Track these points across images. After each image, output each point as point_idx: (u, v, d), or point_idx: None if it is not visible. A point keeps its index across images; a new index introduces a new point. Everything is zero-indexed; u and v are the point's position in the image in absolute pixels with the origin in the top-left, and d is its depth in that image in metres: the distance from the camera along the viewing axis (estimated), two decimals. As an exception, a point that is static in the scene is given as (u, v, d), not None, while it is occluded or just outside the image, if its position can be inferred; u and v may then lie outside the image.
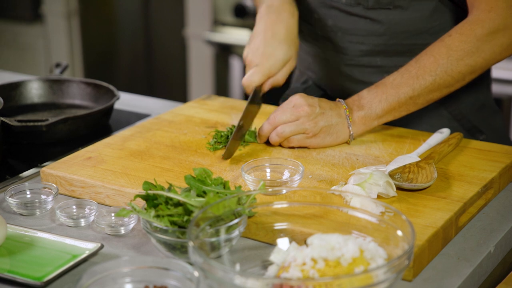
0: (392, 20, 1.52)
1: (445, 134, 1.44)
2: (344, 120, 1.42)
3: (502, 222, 1.24)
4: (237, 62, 3.43)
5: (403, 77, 1.43)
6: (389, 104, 1.43)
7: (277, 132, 1.40)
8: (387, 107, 1.43)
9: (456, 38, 1.41)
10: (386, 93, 1.43)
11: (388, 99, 1.43)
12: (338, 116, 1.42)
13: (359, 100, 1.44)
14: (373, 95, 1.44)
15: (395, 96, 1.43)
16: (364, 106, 1.43)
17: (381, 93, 1.43)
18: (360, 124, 1.44)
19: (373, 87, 1.45)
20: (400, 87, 1.43)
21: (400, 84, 1.43)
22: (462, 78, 1.43)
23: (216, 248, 1.07)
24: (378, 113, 1.44)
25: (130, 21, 4.13)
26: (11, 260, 1.12)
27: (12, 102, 1.76)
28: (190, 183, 1.14)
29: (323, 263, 0.97)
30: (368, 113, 1.43)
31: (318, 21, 1.61)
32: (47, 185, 1.31)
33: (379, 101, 1.43)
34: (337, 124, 1.42)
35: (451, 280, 1.08)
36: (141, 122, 1.62)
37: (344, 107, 1.43)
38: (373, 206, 1.12)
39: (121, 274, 1.00)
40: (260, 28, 1.51)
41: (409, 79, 1.42)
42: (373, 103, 1.43)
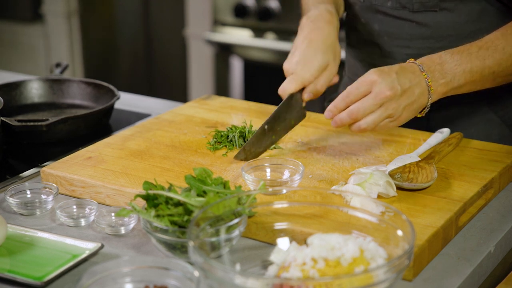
0: (438, 23, 1.49)
1: (445, 134, 1.44)
2: (425, 91, 1.31)
3: (502, 222, 1.24)
4: (237, 62, 3.43)
5: (488, 49, 1.35)
6: (472, 75, 1.34)
7: (360, 126, 1.29)
8: (469, 78, 1.34)
9: None
10: (471, 63, 1.34)
11: (473, 70, 1.34)
12: (420, 87, 1.31)
13: (441, 64, 1.33)
14: (457, 62, 1.34)
15: (480, 67, 1.34)
16: (447, 72, 1.33)
17: (465, 61, 1.34)
18: (441, 93, 1.33)
19: (456, 52, 1.35)
20: (486, 59, 1.34)
21: (486, 56, 1.35)
22: None
23: (216, 248, 1.07)
24: (461, 84, 1.34)
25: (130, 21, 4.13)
26: (11, 260, 1.12)
27: (12, 102, 1.76)
28: (190, 183, 1.14)
29: (323, 263, 0.97)
30: (451, 82, 1.33)
31: (365, 26, 1.59)
32: (47, 185, 1.31)
33: (463, 71, 1.34)
34: (419, 96, 1.31)
35: (451, 280, 1.08)
36: (141, 122, 1.62)
37: (425, 76, 1.31)
38: (373, 206, 1.12)
39: (121, 274, 1.00)
40: (298, 40, 1.45)
41: (495, 52, 1.35)
42: (457, 71, 1.33)
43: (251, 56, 3.39)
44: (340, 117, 1.30)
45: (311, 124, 1.55)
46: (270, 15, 3.24)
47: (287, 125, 1.42)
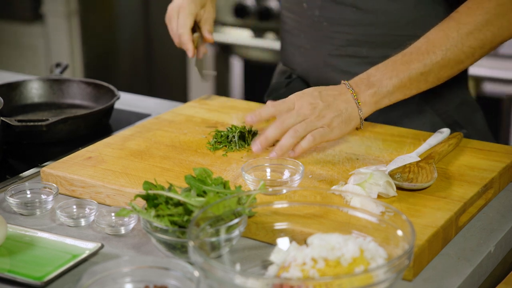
0: (379, 10, 1.53)
1: (445, 134, 1.44)
2: (352, 104, 1.37)
3: (502, 222, 1.24)
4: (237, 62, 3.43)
5: (412, 53, 1.40)
6: (400, 80, 1.39)
7: (290, 134, 1.32)
8: (398, 83, 1.39)
9: (464, 12, 1.41)
10: (396, 70, 1.39)
11: (399, 76, 1.39)
12: (346, 102, 1.36)
13: (367, 78, 1.39)
14: (382, 72, 1.40)
15: (406, 72, 1.39)
16: (374, 83, 1.39)
17: (391, 69, 1.40)
18: (371, 103, 1.39)
19: (381, 64, 1.41)
20: (410, 63, 1.39)
21: (410, 60, 1.40)
22: (472, 53, 1.41)
23: (216, 248, 1.07)
24: (389, 90, 1.39)
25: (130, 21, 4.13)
26: (11, 260, 1.12)
27: (12, 102, 1.76)
28: (190, 183, 1.14)
29: (323, 263, 0.97)
30: (378, 91, 1.38)
31: (306, 11, 1.62)
32: (47, 185, 1.31)
33: (389, 78, 1.39)
34: (346, 109, 1.36)
35: (451, 280, 1.08)
36: (141, 122, 1.62)
37: (350, 91, 1.38)
38: (373, 206, 1.12)
39: (121, 274, 1.00)
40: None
41: (419, 55, 1.40)
42: (383, 80, 1.39)
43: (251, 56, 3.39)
44: (267, 133, 1.34)
45: (311, 124, 1.55)
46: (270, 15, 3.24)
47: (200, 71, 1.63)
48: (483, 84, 2.83)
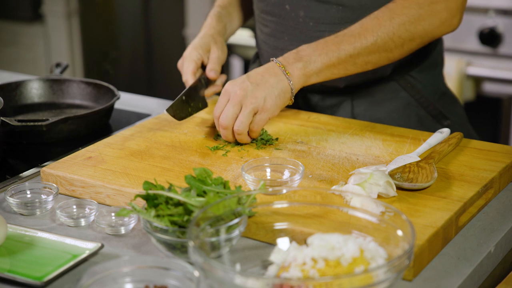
0: (364, 6, 1.55)
1: (445, 134, 1.44)
2: (282, 77, 1.42)
3: (502, 222, 1.24)
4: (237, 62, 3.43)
5: (344, 35, 1.45)
6: (329, 59, 1.44)
7: (237, 133, 1.41)
8: (327, 61, 1.44)
9: (399, 3, 1.47)
10: (326, 48, 1.44)
11: (329, 54, 1.44)
12: (274, 76, 1.42)
13: (297, 52, 1.45)
14: (312, 48, 1.45)
15: (336, 52, 1.44)
16: (302, 57, 1.43)
17: (321, 47, 1.45)
18: (300, 76, 1.43)
19: (312, 43, 1.46)
20: (341, 44, 1.45)
21: (342, 41, 1.45)
22: (401, 44, 1.47)
23: (216, 248, 1.07)
24: (318, 67, 1.44)
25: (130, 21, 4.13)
26: (11, 260, 1.12)
27: (12, 102, 1.76)
28: (190, 183, 1.14)
29: (323, 263, 0.97)
30: (306, 65, 1.43)
31: (289, 13, 1.62)
32: (47, 185, 1.31)
33: (319, 55, 1.44)
34: (277, 83, 1.42)
35: (451, 280, 1.08)
36: (141, 122, 1.62)
37: (278, 64, 1.43)
38: (373, 206, 1.12)
39: (121, 274, 1.00)
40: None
41: (351, 37, 1.45)
42: (312, 56, 1.44)
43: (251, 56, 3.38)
44: (222, 134, 1.43)
45: (311, 124, 1.55)
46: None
47: (197, 106, 1.59)
48: (483, 84, 2.83)
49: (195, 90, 1.58)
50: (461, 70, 2.77)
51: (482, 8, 2.76)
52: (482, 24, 2.75)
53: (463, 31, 2.80)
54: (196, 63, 1.60)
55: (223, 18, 1.72)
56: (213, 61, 1.61)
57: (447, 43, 2.84)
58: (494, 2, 2.74)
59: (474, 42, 2.79)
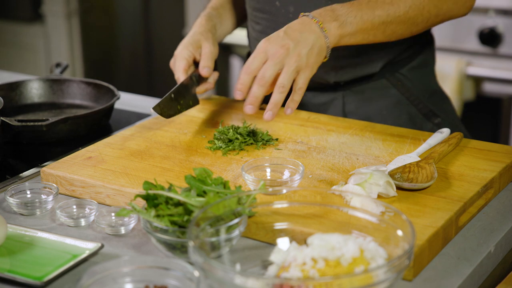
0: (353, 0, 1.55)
1: (445, 134, 1.44)
2: (319, 33, 1.38)
3: (502, 222, 1.24)
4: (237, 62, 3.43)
5: (377, 1, 1.45)
6: (363, 22, 1.42)
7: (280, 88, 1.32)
8: (361, 24, 1.42)
9: None
10: (361, 11, 1.43)
11: (363, 17, 1.42)
12: (313, 33, 1.37)
13: (332, 11, 1.41)
14: (347, 9, 1.42)
15: (370, 16, 1.43)
16: (338, 17, 1.40)
17: (356, 9, 1.43)
18: (336, 35, 1.40)
19: (346, 3, 1.44)
20: (375, 9, 1.44)
21: (376, 6, 1.44)
22: (427, 18, 1.49)
23: (216, 248, 1.07)
24: (353, 28, 1.42)
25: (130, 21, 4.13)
26: (11, 260, 1.12)
27: (12, 102, 1.76)
28: (190, 183, 1.14)
29: (323, 263, 0.97)
30: (343, 25, 1.40)
31: (280, 9, 1.62)
32: (47, 185, 1.31)
33: (354, 17, 1.42)
34: (316, 40, 1.37)
35: (451, 280, 1.08)
36: (141, 122, 1.62)
37: (314, 21, 1.38)
38: (373, 206, 1.12)
39: (121, 274, 1.00)
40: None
41: (385, 4, 1.45)
42: (348, 17, 1.41)
43: (251, 56, 3.38)
44: (252, 91, 1.33)
45: (311, 124, 1.55)
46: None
47: (187, 103, 1.56)
48: (483, 84, 2.83)
49: (185, 87, 1.57)
50: (461, 70, 2.77)
51: (482, 8, 2.76)
52: (482, 24, 2.75)
53: (463, 31, 2.80)
54: (187, 61, 1.58)
55: (213, 18, 1.72)
56: (205, 57, 1.59)
57: (447, 43, 2.85)
58: (494, 2, 2.74)
59: (474, 42, 2.79)
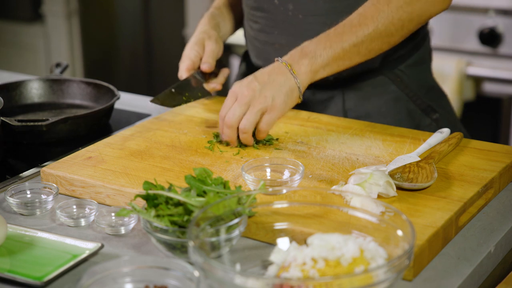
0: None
1: (445, 134, 1.44)
2: (288, 76, 1.42)
3: (502, 222, 1.24)
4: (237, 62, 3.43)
5: (345, 26, 1.47)
6: (334, 51, 1.45)
7: (242, 131, 1.40)
8: (332, 54, 1.45)
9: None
10: (330, 41, 1.45)
11: (333, 46, 1.45)
12: (281, 74, 1.42)
13: (301, 49, 1.45)
14: (316, 43, 1.45)
15: (339, 43, 1.45)
16: (307, 54, 1.44)
17: (324, 41, 1.45)
18: (307, 73, 1.44)
19: (315, 38, 1.47)
20: (343, 35, 1.46)
21: (343, 32, 1.46)
22: (401, 26, 1.49)
23: (216, 248, 1.07)
24: (324, 61, 1.45)
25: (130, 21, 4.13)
26: (11, 260, 1.12)
27: (12, 102, 1.76)
28: (190, 183, 1.14)
29: (323, 263, 0.97)
30: (312, 61, 1.44)
31: (278, 7, 1.63)
32: (47, 185, 1.31)
33: (323, 48, 1.45)
34: (285, 82, 1.41)
35: (451, 280, 1.08)
36: (141, 122, 1.62)
37: (283, 64, 1.43)
38: (373, 206, 1.12)
39: (121, 274, 1.00)
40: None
41: (352, 27, 1.46)
42: (317, 51, 1.44)
43: (251, 56, 3.38)
44: (223, 133, 1.42)
45: (311, 124, 1.55)
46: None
47: (195, 95, 1.59)
48: (483, 84, 2.83)
49: (187, 83, 1.58)
50: (461, 70, 2.77)
51: (482, 8, 2.76)
52: (482, 24, 2.75)
53: (463, 31, 2.80)
54: (192, 61, 1.60)
55: (216, 17, 1.74)
56: (207, 55, 1.62)
57: (447, 43, 2.85)
58: (494, 2, 2.74)
59: (474, 42, 2.79)
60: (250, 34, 1.74)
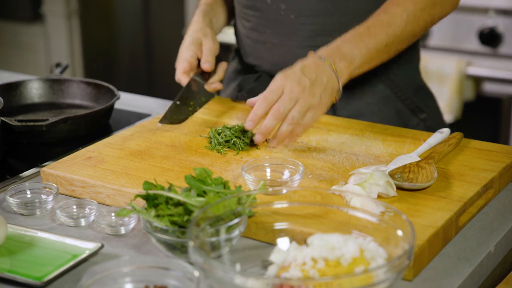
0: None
1: (445, 134, 1.44)
2: (332, 75, 1.40)
3: (502, 222, 1.24)
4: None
5: (376, 26, 1.48)
6: (369, 51, 1.46)
7: (289, 123, 1.34)
8: (367, 55, 1.46)
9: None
10: (364, 42, 1.46)
11: (368, 47, 1.46)
12: (327, 74, 1.40)
13: (338, 49, 1.44)
14: (351, 44, 1.46)
15: (373, 43, 1.47)
16: (346, 55, 1.44)
17: (359, 41, 1.46)
18: (346, 74, 1.44)
19: (349, 36, 1.47)
20: (377, 35, 1.47)
21: (376, 32, 1.47)
22: (424, 27, 1.53)
23: (216, 248, 1.07)
24: (361, 61, 1.46)
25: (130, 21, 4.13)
26: (11, 260, 1.12)
27: (12, 102, 1.76)
28: (190, 183, 1.14)
29: (323, 263, 0.97)
30: (351, 63, 1.44)
31: (270, 6, 1.64)
32: (47, 185, 1.31)
33: (359, 50, 1.45)
34: (329, 81, 1.39)
35: (451, 280, 1.08)
36: (141, 122, 1.62)
37: (327, 63, 1.41)
38: (373, 206, 1.12)
39: (121, 274, 1.00)
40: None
41: (383, 27, 1.48)
42: (354, 52, 1.45)
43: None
44: (266, 122, 1.34)
45: (311, 124, 1.55)
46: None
47: (199, 101, 1.57)
48: (483, 84, 2.83)
49: (189, 90, 1.57)
50: (461, 70, 2.77)
51: (482, 8, 2.76)
52: (482, 24, 2.75)
53: (463, 31, 2.80)
54: (188, 62, 1.59)
55: (208, 13, 1.72)
56: (206, 53, 1.61)
57: (447, 43, 2.85)
58: (494, 2, 2.74)
59: (474, 42, 2.79)
60: (242, 32, 1.74)
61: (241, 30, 1.74)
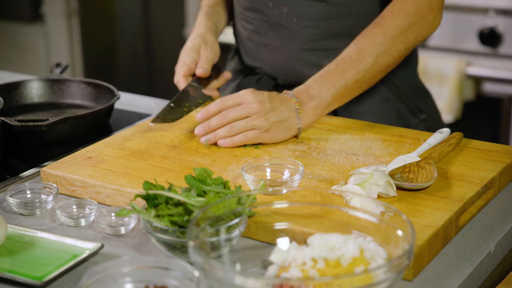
0: (346, 2, 1.58)
1: (445, 134, 1.44)
2: (294, 114, 1.45)
3: (502, 222, 1.24)
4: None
5: (345, 62, 1.49)
6: (337, 90, 1.48)
7: (226, 129, 1.42)
8: (335, 93, 1.48)
9: (388, 17, 1.50)
10: (332, 80, 1.48)
11: (336, 86, 1.48)
12: (289, 110, 1.45)
13: (307, 90, 1.48)
14: (320, 83, 1.48)
15: (342, 81, 1.48)
16: (314, 96, 1.47)
17: (327, 80, 1.48)
18: (312, 115, 1.47)
19: (318, 76, 1.49)
20: (345, 72, 1.48)
21: (344, 69, 1.48)
22: (398, 56, 1.52)
23: (216, 248, 1.07)
24: (329, 101, 1.48)
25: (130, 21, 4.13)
26: (11, 260, 1.12)
27: (12, 102, 1.76)
28: (190, 183, 1.14)
29: (323, 263, 0.97)
30: (319, 103, 1.47)
31: (273, 9, 1.64)
32: (47, 185, 1.31)
33: (327, 89, 1.47)
34: (288, 118, 1.44)
35: (451, 280, 1.08)
36: (141, 122, 1.62)
37: (294, 101, 1.45)
38: (373, 206, 1.12)
39: (121, 274, 1.00)
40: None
41: (352, 63, 1.48)
42: (322, 92, 1.47)
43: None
44: (210, 120, 1.43)
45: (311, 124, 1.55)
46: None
47: (195, 102, 1.58)
48: (483, 84, 2.83)
49: (186, 93, 1.58)
50: (461, 70, 2.77)
51: (482, 8, 2.76)
52: (482, 24, 2.75)
53: (463, 31, 2.80)
54: (188, 66, 1.60)
55: (212, 16, 1.73)
56: (202, 61, 1.62)
57: (447, 43, 2.85)
58: (494, 2, 2.74)
59: (474, 42, 2.79)
60: (243, 34, 1.74)
61: (242, 32, 1.74)
